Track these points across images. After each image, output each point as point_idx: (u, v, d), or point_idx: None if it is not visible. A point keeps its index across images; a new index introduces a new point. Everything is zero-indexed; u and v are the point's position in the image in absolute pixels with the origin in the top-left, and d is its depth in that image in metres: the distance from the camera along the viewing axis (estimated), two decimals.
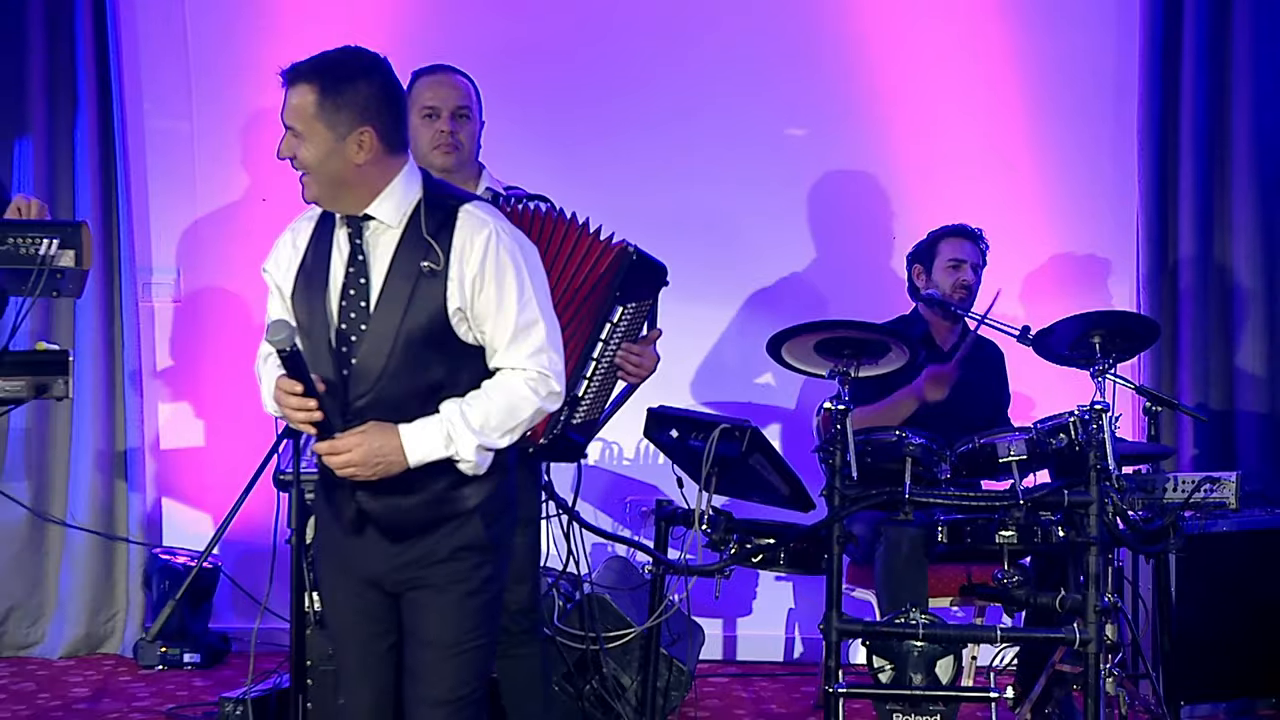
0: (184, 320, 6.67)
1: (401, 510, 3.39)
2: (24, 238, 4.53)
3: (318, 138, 3.26)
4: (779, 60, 6.52)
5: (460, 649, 3.43)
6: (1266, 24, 6.24)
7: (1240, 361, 6.24)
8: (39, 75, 6.41)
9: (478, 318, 3.35)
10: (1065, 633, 4.64)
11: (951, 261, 5.64)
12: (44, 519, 6.37)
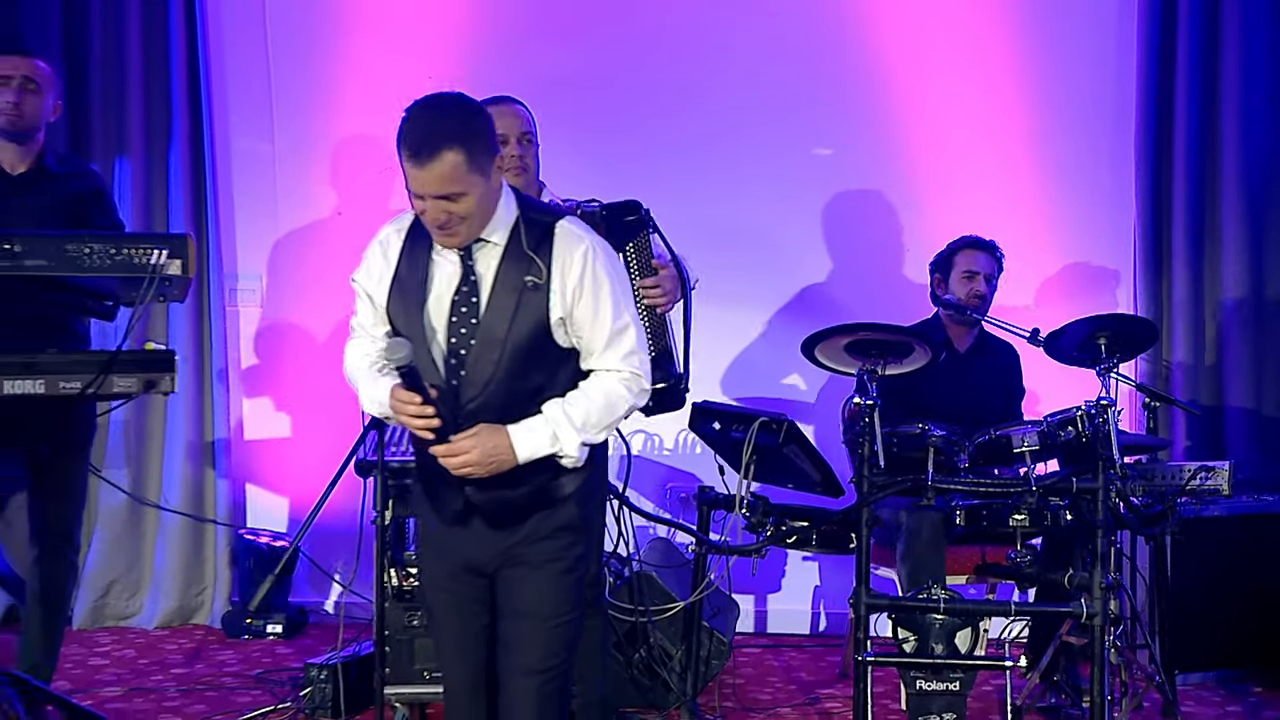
0: (267, 323, 6.67)
1: (506, 502, 3.38)
2: (137, 248, 4.54)
3: (475, 189, 3.23)
4: (807, 86, 6.48)
5: (554, 622, 3.43)
6: (1252, 50, 6.19)
7: (1229, 361, 6.21)
8: (137, 101, 6.39)
9: (576, 325, 3.35)
10: (1073, 607, 4.67)
11: (966, 272, 5.63)
12: (141, 503, 6.38)
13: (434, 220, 3.25)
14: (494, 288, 3.35)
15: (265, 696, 5.36)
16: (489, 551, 3.44)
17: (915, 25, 6.46)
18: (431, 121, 3.23)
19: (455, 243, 3.31)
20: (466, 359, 3.34)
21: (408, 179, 3.27)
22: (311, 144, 6.65)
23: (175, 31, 6.38)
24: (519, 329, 3.34)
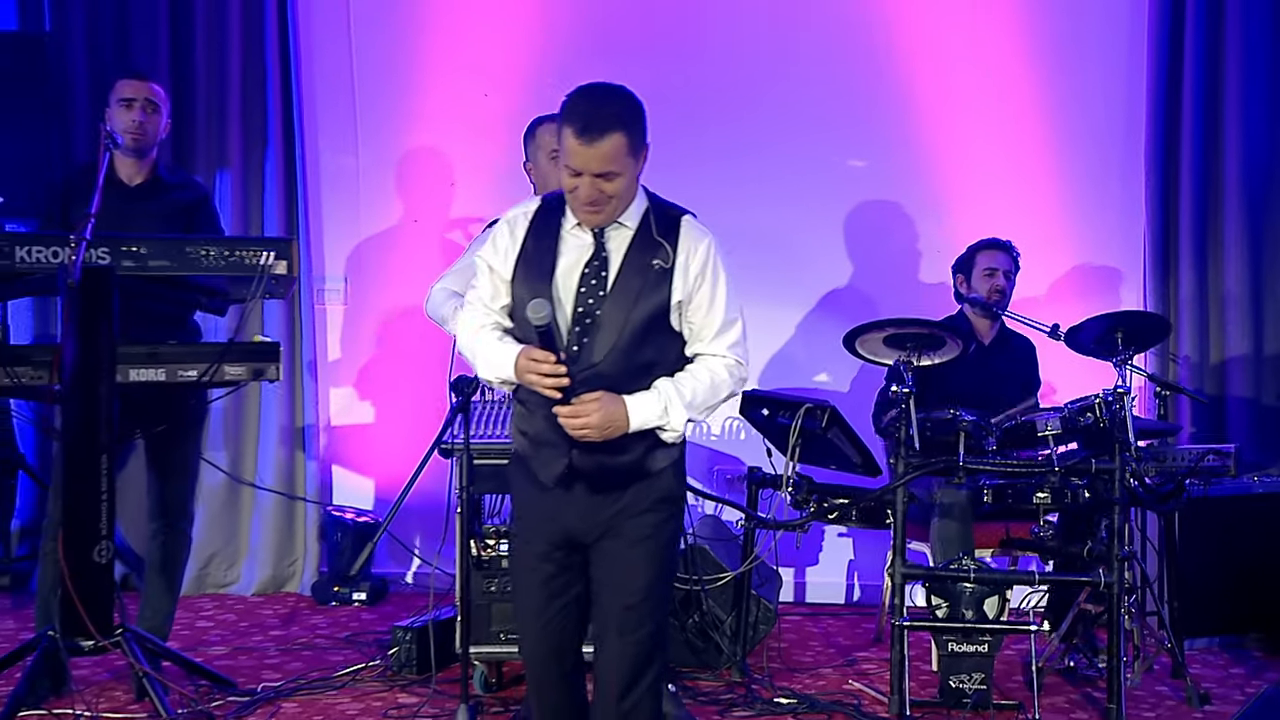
0: (351, 320, 6.68)
1: (607, 470, 3.35)
2: (248, 250, 4.64)
3: (627, 172, 3.26)
4: (843, 104, 6.46)
5: (653, 590, 3.43)
6: (1252, 70, 6.17)
7: (1230, 355, 6.19)
8: (235, 119, 6.44)
9: (692, 310, 3.36)
10: (1091, 577, 4.78)
11: (986, 270, 5.64)
12: (239, 482, 6.42)
13: (586, 197, 3.25)
14: (622, 267, 3.35)
15: (355, 655, 5.37)
16: (589, 521, 3.41)
17: (940, 47, 6.44)
18: (603, 104, 3.25)
19: (599, 220, 3.31)
20: (590, 328, 3.33)
21: (568, 155, 3.26)
22: (390, 158, 6.66)
23: (270, 56, 6.42)
24: (642, 307, 3.33)
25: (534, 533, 3.49)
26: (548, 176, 4.58)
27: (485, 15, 6.53)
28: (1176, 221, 6.25)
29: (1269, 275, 6.22)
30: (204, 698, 4.77)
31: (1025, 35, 6.42)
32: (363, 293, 6.67)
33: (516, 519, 3.63)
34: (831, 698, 4.92)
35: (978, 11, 6.45)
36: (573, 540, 3.42)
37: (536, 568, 3.46)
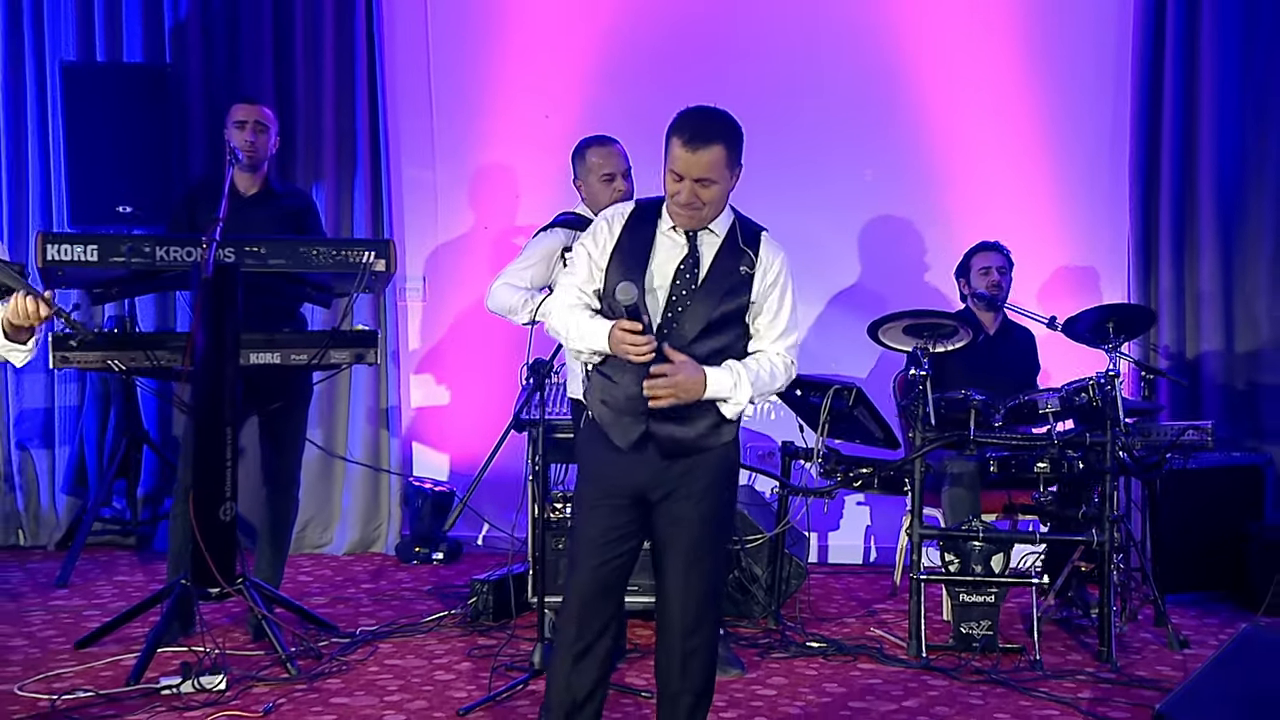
0: (429, 314, 6.71)
1: (677, 437, 3.37)
2: (352, 250, 4.74)
3: (724, 181, 3.31)
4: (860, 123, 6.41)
5: (716, 545, 3.46)
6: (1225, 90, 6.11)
7: (1204, 344, 6.14)
8: (330, 139, 6.47)
9: (761, 312, 3.42)
10: (1085, 537, 4.82)
11: (982, 269, 5.63)
12: (332, 456, 6.47)
13: (686, 200, 3.30)
14: (712, 268, 3.39)
15: (438, 605, 5.42)
16: (658, 479, 3.39)
17: (946, 73, 6.40)
18: (709, 120, 3.32)
19: (692, 223, 3.36)
20: (680, 315, 3.37)
21: (674, 161, 3.30)
22: (463, 173, 6.68)
23: (360, 84, 6.45)
24: (726, 303, 3.39)
25: (603, 485, 3.47)
26: (598, 195, 4.58)
27: (547, 45, 6.53)
28: (1157, 226, 6.21)
29: (1239, 274, 6.16)
30: (312, 638, 4.82)
31: (1022, 60, 6.38)
32: (439, 290, 6.68)
33: (585, 479, 3.57)
34: (856, 642, 4.92)
35: (979, 40, 6.39)
36: (639, 495, 3.42)
37: (602, 514, 3.45)
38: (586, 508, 3.49)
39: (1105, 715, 4.19)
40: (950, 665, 4.67)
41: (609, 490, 3.44)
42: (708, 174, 3.28)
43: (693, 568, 3.41)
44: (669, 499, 3.40)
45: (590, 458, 3.53)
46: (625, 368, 3.36)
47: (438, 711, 4.19)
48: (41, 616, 5.22)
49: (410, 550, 6.38)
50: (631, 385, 3.35)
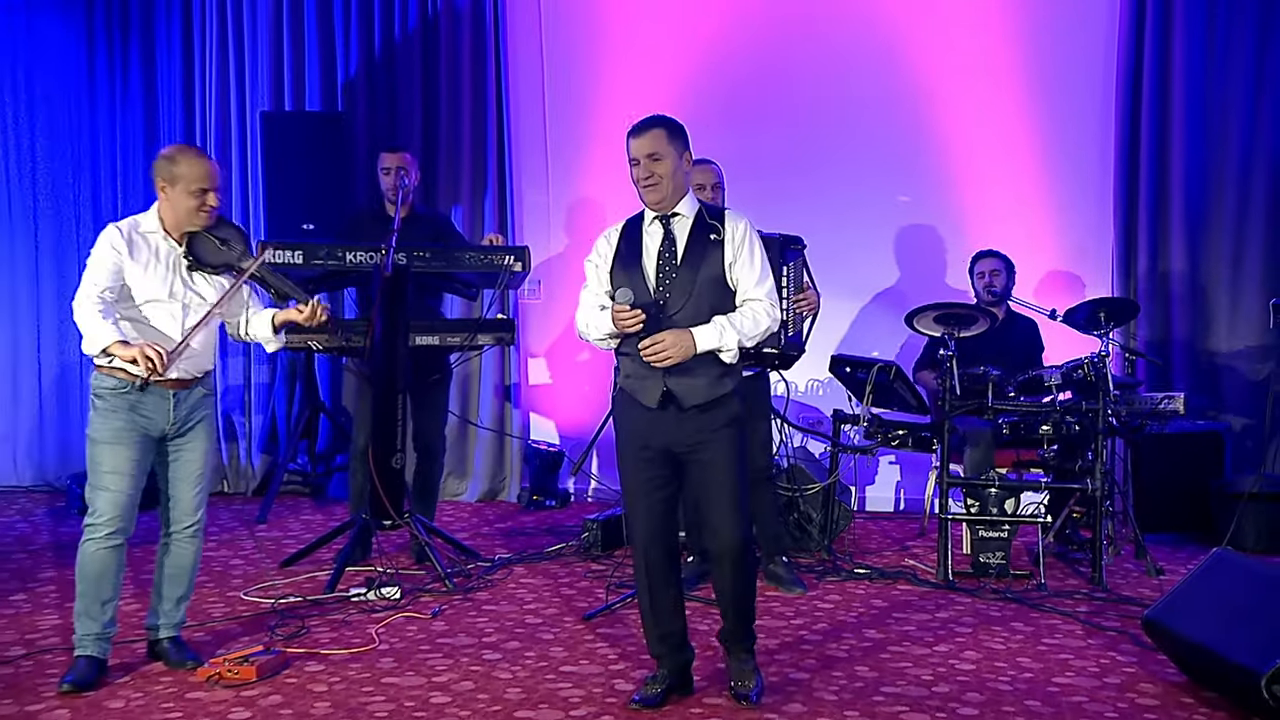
0: (542, 310, 6.73)
1: (692, 389, 3.37)
2: (496, 255, 4.90)
3: (670, 157, 3.38)
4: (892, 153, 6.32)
5: (739, 479, 3.45)
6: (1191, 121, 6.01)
7: (1176, 331, 6.10)
8: (466, 170, 6.55)
9: (738, 269, 3.43)
10: (1080, 485, 4.87)
11: (980, 273, 5.59)
12: (467, 423, 6.59)
13: (644, 176, 3.38)
14: (688, 243, 3.42)
15: (556, 539, 5.53)
16: (680, 435, 3.41)
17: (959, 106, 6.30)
18: (648, 117, 3.46)
19: (657, 198, 3.39)
20: (670, 286, 3.39)
21: (629, 152, 3.40)
22: (571, 198, 6.69)
23: (490, 125, 6.53)
24: (706, 270, 3.41)
25: (640, 446, 3.47)
26: None
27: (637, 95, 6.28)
28: (1135, 234, 6.13)
29: (1203, 274, 6.10)
30: (462, 562, 5.01)
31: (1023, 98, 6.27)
32: (550, 290, 6.69)
33: (623, 439, 3.55)
34: (894, 569, 4.99)
35: (988, 83, 6.29)
36: (669, 452, 3.43)
37: (642, 470, 3.46)
38: (629, 462, 3.51)
39: (1098, 624, 4.25)
40: (971, 587, 4.71)
41: (643, 444, 3.45)
42: (653, 149, 3.38)
43: (725, 500, 3.43)
44: (693, 452, 3.42)
45: (625, 420, 3.52)
46: (636, 347, 3.38)
47: (566, 617, 4.31)
48: (250, 544, 5.45)
49: (529, 498, 6.44)
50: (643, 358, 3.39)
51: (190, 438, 3.75)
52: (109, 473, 3.59)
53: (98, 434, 3.62)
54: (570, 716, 3.38)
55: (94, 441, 3.62)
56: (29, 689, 3.62)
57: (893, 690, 3.60)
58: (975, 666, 3.83)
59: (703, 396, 3.39)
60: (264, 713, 3.42)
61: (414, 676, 3.70)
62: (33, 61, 6.81)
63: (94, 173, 6.87)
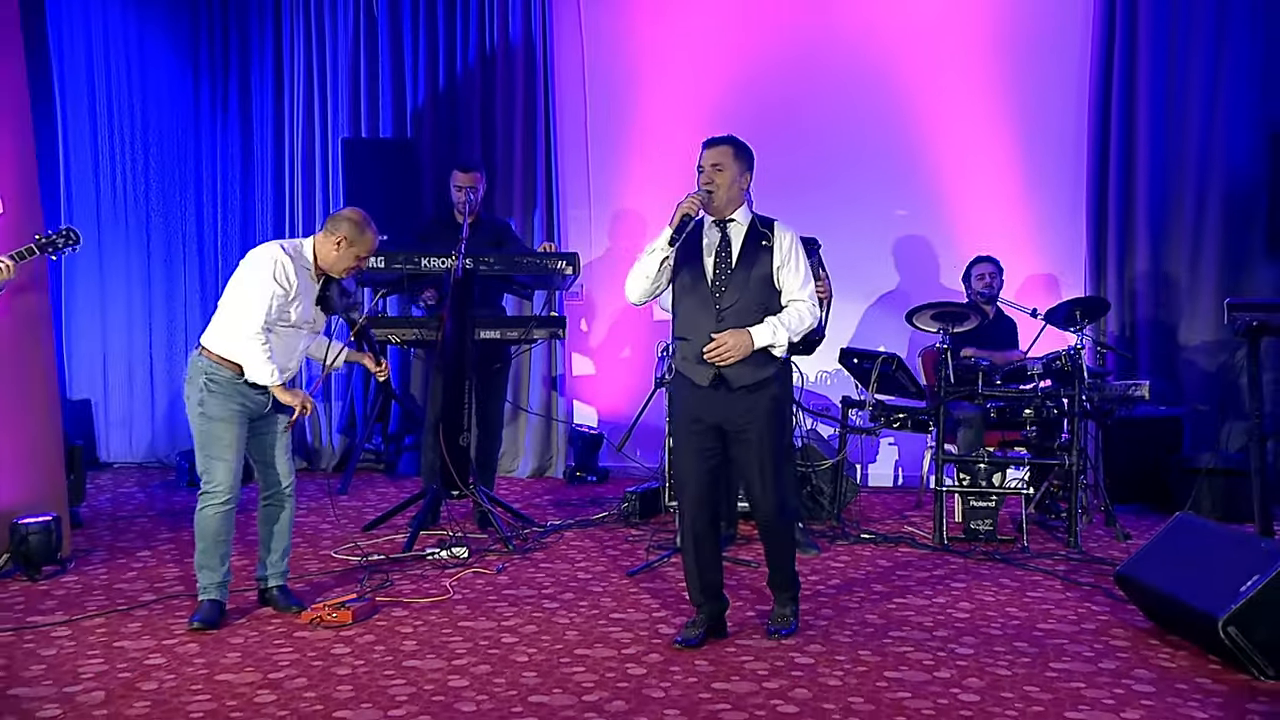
0: (585, 309, 6.72)
1: (739, 371, 3.45)
2: (551, 260, 4.94)
3: (731, 169, 3.47)
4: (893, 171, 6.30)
5: (782, 454, 3.56)
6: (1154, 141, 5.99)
7: (1140, 328, 6.09)
8: (519, 188, 6.56)
9: (785, 273, 3.51)
10: (1058, 461, 4.92)
11: (978, 275, 5.60)
12: (518, 408, 6.57)
13: (706, 179, 3.45)
14: (742, 247, 3.50)
15: (599, 509, 5.56)
16: (730, 414, 3.47)
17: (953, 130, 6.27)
18: (720, 135, 3.55)
19: (713, 201, 3.44)
20: (726, 283, 3.47)
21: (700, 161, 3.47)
22: (609, 212, 6.68)
23: (539, 149, 6.54)
24: (757, 270, 3.49)
25: (692, 420, 3.52)
26: None
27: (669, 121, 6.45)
28: (1105, 242, 6.12)
29: (1164, 277, 6.10)
30: (519, 527, 5.08)
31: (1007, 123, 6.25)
32: (591, 293, 6.70)
33: (678, 414, 3.61)
34: (895, 535, 5.04)
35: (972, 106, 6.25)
36: (719, 428, 3.49)
37: (694, 441, 3.52)
38: (682, 434, 3.58)
39: (1075, 580, 4.32)
40: (963, 549, 4.78)
41: (696, 419, 3.51)
42: (719, 161, 3.48)
43: (767, 475, 3.51)
44: (741, 432, 3.48)
45: (680, 398, 3.60)
46: (694, 332, 3.48)
47: (613, 574, 4.41)
48: (335, 512, 5.54)
49: (573, 475, 6.46)
50: (700, 339, 3.47)
51: (278, 411, 3.86)
52: (226, 447, 3.72)
53: (214, 413, 3.71)
54: (622, 654, 3.50)
55: (210, 420, 3.71)
56: (163, 627, 3.78)
57: (899, 634, 3.71)
58: (969, 615, 3.92)
59: (749, 379, 3.45)
60: (360, 649, 3.55)
61: (485, 621, 3.82)
62: (147, 94, 6.93)
63: (197, 191, 6.99)
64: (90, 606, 4.01)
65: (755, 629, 3.75)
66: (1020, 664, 3.44)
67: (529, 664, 3.41)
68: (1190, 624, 3.54)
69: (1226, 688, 3.25)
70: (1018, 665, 3.43)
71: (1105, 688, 3.26)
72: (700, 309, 3.50)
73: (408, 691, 3.20)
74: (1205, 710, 3.10)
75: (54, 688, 3.24)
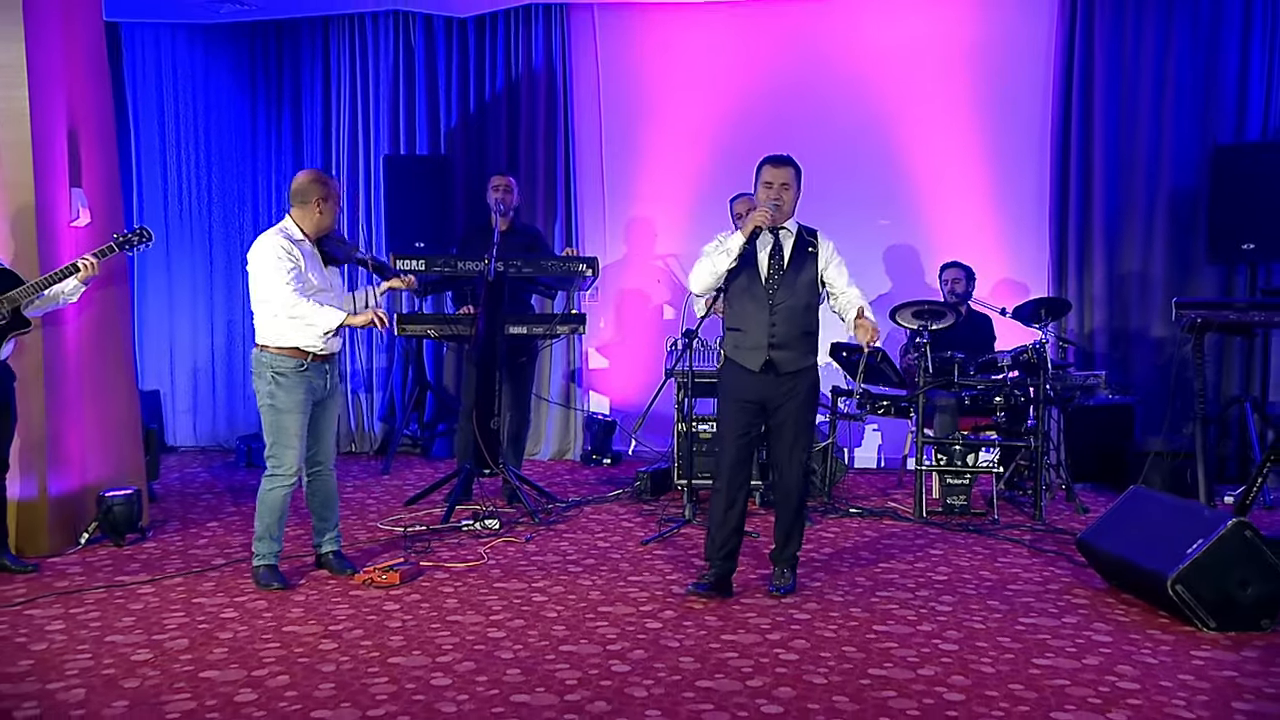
0: (600, 307, 6.64)
1: (786, 359, 3.61)
2: (573, 264, 4.96)
3: (793, 188, 3.59)
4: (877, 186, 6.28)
5: (810, 433, 3.74)
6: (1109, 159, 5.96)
7: (1097, 325, 6.10)
8: (541, 200, 6.50)
9: (830, 274, 3.67)
10: (1025, 443, 4.94)
11: (946, 280, 5.64)
12: (540, 398, 6.44)
13: (775, 195, 3.52)
14: (792, 252, 3.64)
15: (614, 487, 5.60)
16: (774, 393, 3.60)
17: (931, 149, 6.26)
18: (786, 156, 3.66)
19: (778, 216, 3.54)
20: (778, 282, 3.60)
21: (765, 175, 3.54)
22: (622, 220, 6.65)
23: (559, 164, 6.52)
24: (805, 274, 3.64)
25: (739, 394, 3.61)
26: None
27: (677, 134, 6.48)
28: (1066, 249, 6.13)
29: (1118, 280, 6.09)
30: (544, 502, 5.14)
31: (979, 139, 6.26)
32: (606, 292, 6.63)
33: (728, 393, 3.66)
34: (880, 509, 5.08)
35: (948, 130, 6.26)
36: (762, 403, 3.60)
37: (740, 417, 3.63)
38: (730, 411, 3.66)
39: (1040, 548, 4.40)
40: (941, 521, 4.84)
41: (743, 398, 3.63)
42: (787, 180, 3.56)
43: (794, 449, 3.64)
44: (780, 408, 3.62)
45: (731, 380, 3.69)
46: (748, 325, 3.56)
47: (629, 543, 4.47)
48: (378, 489, 5.61)
49: (589, 457, 6.48)
50: (754, 331, 3.56)
51: (332, 399, 3.95)
52: (293, 435, 3.79)
53: (283, 405, 3.76)
54: (640, 611, 3.59)
55: (279, 412, 3.76)
56: (234, 586, 3.88)
57: (885, 594, 3.79)
58: (947, 578, 4.00)
59: (794, 365, 3.59)
60: (409, 606, 3.64)
61: (517, 583, 3.90)
62: (210, 118, 7.01)
63: (254, 203, 7.04)
64: (169, 568, 4.12)
65: (756, 589, 3.83)
66: (993, 619, 3.53)
67: (558, 619, 3.50)
68: (1142, 583, 3.61)
69: (1174, 638, 3.34)
70: (991, 620, 3.52)
71: (1068, 638, 3.34)
72: (755, 305, 3.60)
73: (452, 641, 3.30)
74: (1156, 657, 3.19)
75: (144, 635, 3.34)
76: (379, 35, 6.83)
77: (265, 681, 2.97)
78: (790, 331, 3.62)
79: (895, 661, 3.13)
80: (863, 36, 6.42)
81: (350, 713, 2.77)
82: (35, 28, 4.18)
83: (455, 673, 3.03)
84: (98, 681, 2.98)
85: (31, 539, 4.20)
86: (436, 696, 2.87)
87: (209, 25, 6.93)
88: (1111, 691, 2.91)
